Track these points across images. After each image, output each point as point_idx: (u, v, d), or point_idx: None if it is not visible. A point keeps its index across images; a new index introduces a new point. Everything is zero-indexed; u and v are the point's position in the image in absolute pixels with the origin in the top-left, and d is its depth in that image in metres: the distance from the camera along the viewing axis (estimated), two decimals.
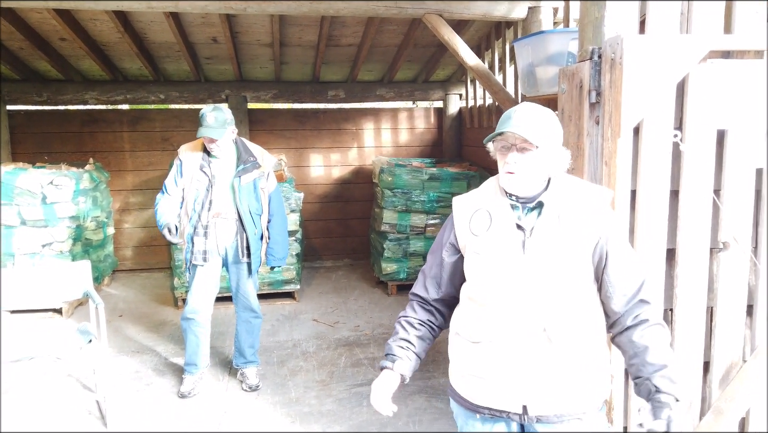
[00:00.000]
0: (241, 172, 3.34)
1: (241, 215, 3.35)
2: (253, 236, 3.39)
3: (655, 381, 1.53)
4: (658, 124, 1.95)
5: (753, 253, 2.07)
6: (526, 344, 1.56)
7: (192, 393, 3.43)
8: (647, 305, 1.59)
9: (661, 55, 1.86)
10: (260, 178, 3.42)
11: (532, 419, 1.60)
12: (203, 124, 3.21)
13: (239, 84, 6.18)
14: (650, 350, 1.55)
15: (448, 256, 1.73)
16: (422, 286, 1.79)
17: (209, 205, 3.32)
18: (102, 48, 5.19)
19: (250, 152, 3.42)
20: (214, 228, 3.35)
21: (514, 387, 1.58)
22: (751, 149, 2.01)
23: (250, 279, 3.49)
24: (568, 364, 1.57)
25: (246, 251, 3.41)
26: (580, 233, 1.57)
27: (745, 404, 2.08)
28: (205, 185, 3.31)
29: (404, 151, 6.75)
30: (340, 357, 4.02)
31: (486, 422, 1.68)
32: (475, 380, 1.65)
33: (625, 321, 1.59)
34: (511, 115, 1.59)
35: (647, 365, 1.55)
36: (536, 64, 3.53)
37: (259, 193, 3.42)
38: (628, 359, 1.61)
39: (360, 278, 6.03)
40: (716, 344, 2.10)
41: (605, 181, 1.97)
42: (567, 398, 1.58)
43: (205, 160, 3.34)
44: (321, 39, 5.07)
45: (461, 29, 4.74)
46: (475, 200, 1.70)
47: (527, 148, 1.57)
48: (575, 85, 2.07)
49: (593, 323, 1.62)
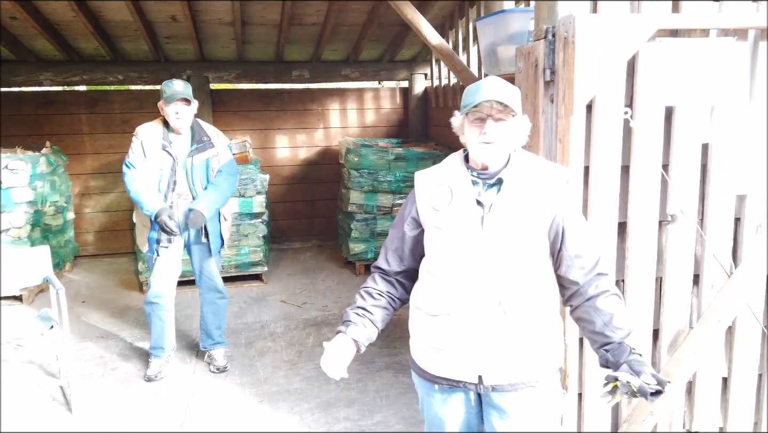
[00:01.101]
0: (195, 152, 3.33)
1: (194, 195, 3.34)
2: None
3: (630, 343, 1.60)
4: (610, 101, 2.01)
5: (699, 225, 2.16)
6: (482, 316, 1.61)
7: (158, 376, 3.42)
8: (605, 276, 1.66)
9: (612, 33, 1.91)
10: (213, 158, 3.41)
11: (487, 388, 1.66)
12: (171, 92, 3.17)
13: (201, 64, 6.06)
14: (616, 316, 1.61)
15: (410, 230, 1.75)
16: (384, 259, 1.82)
17: (173, 185, 3.31)
18: (56, 27, 5.02)
19: (204, 132, 3.40)
20: (177, 209, 3.33)
21: (470, 358, 1.64)
22: (697, 125, 2.09)
23: (212, 259, 3.49)
24: (523, 335, 1.62)
25: (204, 230, 3.40)
26: (537, 209, 1.62)
27: (692, 368, 2.20)
28: (170, 165, 3.28)
29: (370, 131, 6.74)
30: (308, 337, 4.06)
31: (444, 392, 1.74)
32: (433, 352, 1.69)
33: (587, 291, 1.64)
34: (480, 87, 1.60)
35: (617, 330, 1.61)
36: (498, 44, 3.56)
37: (211, 174, 3.40)
38: (594, 327, 1.64)
39: (328, 258, 6.05)
40: (665, 312, 2.20)
41: (559, 157, 2.03)
42: (521, 368, 1.64)
43: (166, 139, 3.31)
44: (284, 18, 5.00)
45: (425, 9, 4.74)
46: (437, 175, 1.73)
47: (503, 118, 1.60)
48: (531, 63, 2.11)
49: (547, 296, 1.68)
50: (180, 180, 3.34)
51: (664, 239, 2.16)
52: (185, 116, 3.26)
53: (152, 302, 3.40)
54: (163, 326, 3.45)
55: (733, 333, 2.24)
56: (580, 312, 1.67)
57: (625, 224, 2.11)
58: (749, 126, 2.13)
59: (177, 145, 3.33)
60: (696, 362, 2.17)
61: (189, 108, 3.27)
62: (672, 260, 2.16)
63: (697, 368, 2.21)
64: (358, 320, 1.74)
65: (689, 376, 2.20)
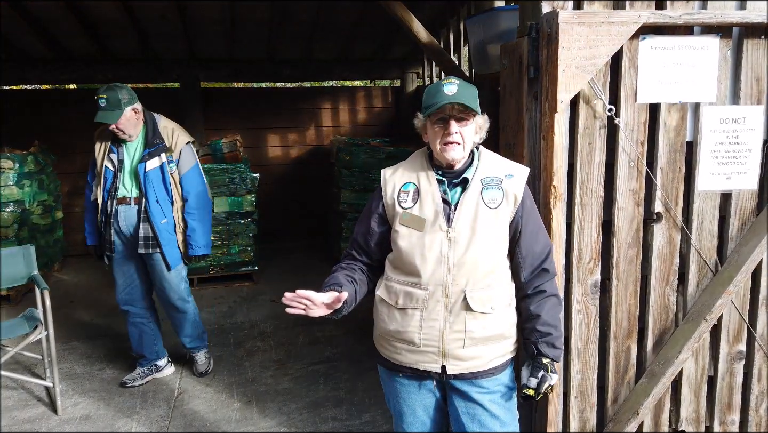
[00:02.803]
0: (147, 156, 3.06)
1: (146, 203, 3.06)
2: (160, 225, 3.09)
3: (539, 346, 1.73)
4: (594, 98, 2.00)
5: (684, 223, 2.15)
6: (446, 310, 1.69)
7: (131, 383, 3.32)
8: (547, 275, 1.76)
9: (596, 30, 1.90)
10: (170, 163, 3.11)
11: (450, 377, 1.74)
12: (98, 108, 2.95)
13: (191, 63, 6.03)
14: (541, 318, 1.73)
15: (377, 226, 1.79)
16: (354, 251, 1.85)
17: (114, 192, 3.09)
18: (44, 25, 4.97)
19: (158, 134, 3.11)
20: (118, 216, 3.10)
21: (435, 350, 1.71)
22: (681, 123, 2.08)
23: (168, 274, 3.19)
24: (484, 328, 1.70)
25: (154, 242, 3.10)
26: (500, 208, 1.69)
27: (677, 367, 2.18)
28: (113, 171, 3.09)
29: (362, 130, 6.73)
30: (298, 336, 4.03)
31: (408, 379, 1.80)
32: (398, 343, 1.76)
33: (526, 290, 1.76)
34: (440, 88, 1.65)
35: (535, 332, 1.74)
36: (488, 42, 3.55)
37: (168, 179, 3.11)
38: (523, 322, 1.79)
39: (318, 258, 6.03)
40: (650, 310, 2.19)
41: (543, 155, 2.01)
42: (481, 359, 1.73)
43: (115, 144, 3.11)
44: (274, 16, 4.97)
45: (416, 7, 4.71)
46: (403, 173, 1.79)
47: (465, 118, 1.66)
48: (515, 60, 2.10)
49: (507, 291, 1.76)
50: (124, 186, 3.09)
51: (649, 237, 2.15)
52: (125, 130, 3.02)
53: (123, 309, 3.30)
54: (139, 333, 3.33)
55: (719, 331, 2.23)
56: (517, 305, 1.80)
57: (610, 222, 2.10)
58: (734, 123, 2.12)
59: (126, 150, 3.12)
60: (682, 361, 2.16)
61: (122, 124, 2.99)
62: (657, 258, 2.15)
63: (682, 366, 2.20)
64: (347, 283, 1.73)
65: (675, 374, 2.19)
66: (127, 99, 2.99)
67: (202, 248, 3.23)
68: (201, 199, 3.21)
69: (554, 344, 1.74)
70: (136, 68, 5.90)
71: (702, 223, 2.16)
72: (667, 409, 2.26)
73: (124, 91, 2.99)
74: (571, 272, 2.10)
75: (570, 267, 2.10)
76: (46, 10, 4.62)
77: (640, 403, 2.17)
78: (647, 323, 2.20)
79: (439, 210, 1.69)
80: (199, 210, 3.21)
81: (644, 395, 2.17)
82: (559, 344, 1.76)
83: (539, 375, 1.70)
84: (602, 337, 2.18)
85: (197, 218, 3.20)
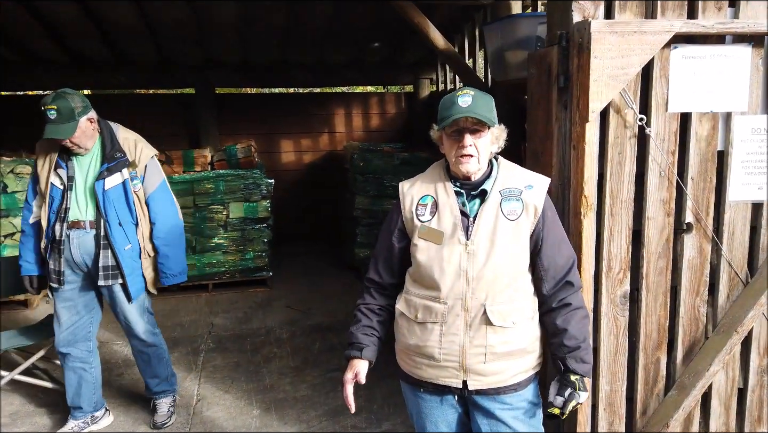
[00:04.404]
0: (106, 172, 2.65)
1: (107, 227, 2.65)
2: (123, 251, 2.69)
3: (567, 361, 1.69)
4: (624, 108, 1.98)
5: (715, 233, 2.13)
6: (467, 324, 1.66)
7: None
8: (572, 288, 1.72)
9: (627, 39, 1.88)
10: (134, 180, 2.72)
11: (471, 392, 1.71)
12: (47, 125, 2.52)
13: (206, 68, 6.05)
14: (568, 332, 1.69)
15: (398, 241, 1.78)
16: (375, 271, 1.84)
17: (64, 214, 2.65)
18: (60, 30, 5.00)
19: (118, 146, 2.70)
20: (70, 242, 2.67)
21: (455, 365, 1.68)
22: (713, 132, 2.06)
23: (131, 305, 2.80)
24: (505, 343, 1.67)
25: (116, 272, 2.70)
26: (520, 219, 1.67)
27: (707, 380, 2.16)
28: (61, 190, 2.66)
29: (375, 135, 6.73)
30: (314, 343, 4.03)
31: (430, 394, 1.78)
32: (418, 357, 1.73)
33: (551, 303, 1.72)
34: (455, 100, 1.64)
35: (562, 347, 1.70)
36: (505, 49, 3.54)
37: (132, 198, 2.71)
38: (549, 337, 1.75)
39: (332, 263, 6.03)
40: (680, 321, 2.16)
41: (573, 164, 2.00)
42: (503, 374, 1.69)
43: (63, 158, 2.67)
44: (289, 21, 4.98)
45: (431, 13, 4.71)
46: (421, 185, 1.78)
47: (480, 130, 1.65)
48: (543, 69, 2.08)
49: (529, 304, 1.72)
50: (75, 207, 2.67)
51: (679, 248, 2.12)
52: (79, 144, 2.61)
53: (61, 351, 2.80)
54: (78, 381, 2.85)
55: (750, 343, 2.20)
56: (542, 319, 1.76)
57: (640, 232, 2.08)
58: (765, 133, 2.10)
59: (78, 164, 2.69)
60: (713, 373, 2.13)
61: (79, 133, 2.58)
62: (688, 269, 2.12)
63: (713, 379, 2.17)
64: (368, 340, 1.79)
65: (705, 387, 2.16)
66: (81, 108, 2.57)
67: (177, 276, 2.86)
68: (172, 221, 2.84)
69: (583, 358, 1.70)
70: (152, 74, 5.92)
71: (733, 233, 2.13)
72: (696, 422, 2.23)
73: (76, 98, 2.57)
74: (600, 283, 2.07)
75: (599, 277, 2.07)
76: (64, 16, 4.64)
77: (670, 415, 2.14)
78: (677, 334, 2.17)
79: (457, 222, 1.67)
80: (170, 234, 2.83)
81: (674, 407, 2.15)
82: (588, 358, 1.71)
83: (566, 393, 1.65)
84: (631, 348, 2.16)
85: (169, 243, 2.82)
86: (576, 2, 1.94)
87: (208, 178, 5.00)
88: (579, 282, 1.75)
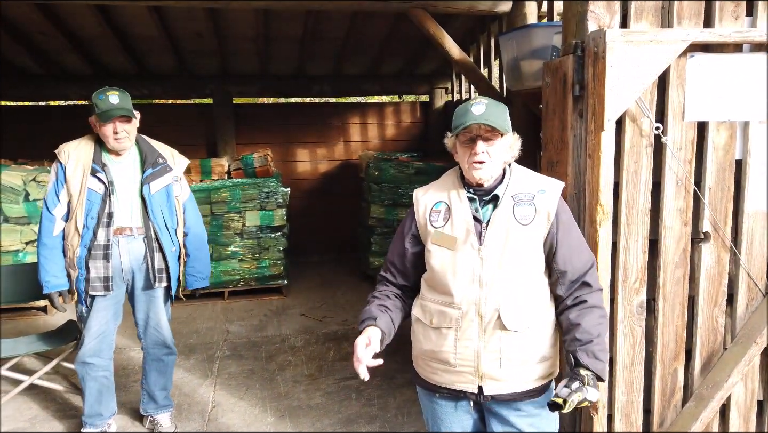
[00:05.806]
0: (151, 177, 2.69)
1: (156, 231, 2.70)
2: (170, 254, 2.76)
3: (578, 354, 1.64)
4: (640, 116, 1.98)
5: (733, 243, 2.11)
6: (481, 329, 1.66)
7: None
8: (589, 288, 1.70)
9: (643, 48, 1.89)
10: (173, 184, 2.79)
11: (487, 398, 1.71)
12: (106, 107, 2.53)
13: (224, 79, 6.14)
14: (581, 327, 1.65)
15: (411, 246, 1.80)
16: (389, 272, 1.87)
17: (108, 219, 2.63)
18: (83, 42, 5.12)
19: (157, 152, 2.76)
20: (117, 248, 2.67)
21: (470, 370, 1.68)
22: (730, 141, 2.05)
23: (162, 308, 2.86)
24: (521, 348, 1.67)
25: (163, 274, 2.77)
26: (533, 224, 1.68)
27: (726, 391, 2.13)
28: (101, 195, 2.62)
29: (391, 145, 6.75)
30: (329, 351, 4.03)
31: (446, 400, 1.78)
32: (434, 363, 1.74)
33: (567, 302, 1.71)
34: (469, 108, 1.66)
35: (575, 341, 1.66)
36: (521, 58, 3.55)
37: (174, 203, 2.79)
38: (563, 335, 1.73)
39: (347, 272, 6.04)
40: (698, 332, 2.14)
41: (589, 173, 2.00)
42: (519, 380, 1.69)
43: (99, 162, 2.65)
44: (306, 33, 5.05)
45: (446, 23, 4.75)
46: (435, 192, 1.79)
47: (492, 138, 1.66)
48: (559, 78, 2.09)
49: (544, 309, 1.72)
50: (121, 212, 2.66)
51: (696, 257, 2.11)
52: (124, 139, 2.62)
53: (87, 362, 2.77)
54: (100, 389, 2.84)
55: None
56: (558, 319, 1.75)
57: (656, 242, 2.07)
58: None
59: (116, 170, 2.67)
60: (732, 385, 2.11)
61: (131, 125, 2.63)
62: (705, 279, 2.10)
63: (731, 390, 2.14)
64: (381, 314, 1.76)
65: (723, 399, 2.13)
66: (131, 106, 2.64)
67: (203, 280, 2.95)
68: (201, 227, 2.97)
69: (595, 354, 1.62)
70: (171, 84, 6.03)
71: (751, 243, 2.11)
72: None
73: (129, 96, 2.65)
74: (617, 292, 2.06)
75: (615, 287, 2.07)
76: (87, 29, 4.76)
77: (688, 427, 2.11)
78: (694, 344, 2.15)
79: (470, 228, 1.68)
80: (199, 239, 2.95)
81: (692, 419, 2.12)
82: (601, 356, 1.63)
83: (573, 386, 1.57)
84: (648, 359, 2.14)
85: (198, 247, 2.94)
86: (591, 12, 1.95)
87: (225, 187, 5.06)
88: (598, 284, 1.72)
